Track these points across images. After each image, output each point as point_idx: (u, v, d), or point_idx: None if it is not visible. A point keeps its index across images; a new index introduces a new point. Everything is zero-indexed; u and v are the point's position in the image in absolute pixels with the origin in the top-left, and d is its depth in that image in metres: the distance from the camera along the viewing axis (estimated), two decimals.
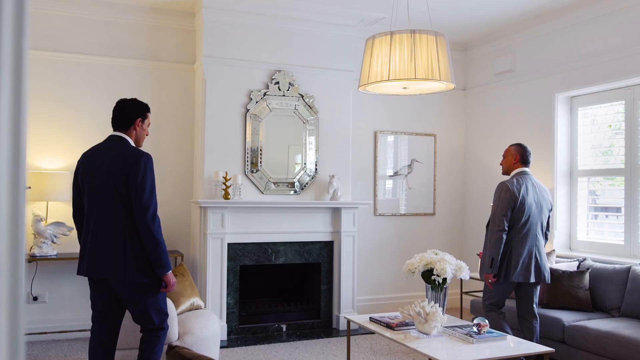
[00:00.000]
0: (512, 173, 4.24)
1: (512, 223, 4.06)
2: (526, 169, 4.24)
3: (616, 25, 5.04)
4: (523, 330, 4.15)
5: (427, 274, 3.76)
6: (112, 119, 3.15)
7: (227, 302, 5.20)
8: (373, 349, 4.96)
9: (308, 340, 5.22)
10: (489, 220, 4.24)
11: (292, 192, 5.59)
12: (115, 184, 2.92)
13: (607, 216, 5.42)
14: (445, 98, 6.83)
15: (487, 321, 3.51)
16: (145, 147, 5.44)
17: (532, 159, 4.31)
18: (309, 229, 5.59)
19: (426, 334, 3.50)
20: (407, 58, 3.23)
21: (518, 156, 4.24)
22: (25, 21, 0.48)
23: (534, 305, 4.14)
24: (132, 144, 3.10)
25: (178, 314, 3.93)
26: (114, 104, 3.20)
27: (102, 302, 3.08)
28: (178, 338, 3.68)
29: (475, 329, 3.49)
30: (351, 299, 5.70)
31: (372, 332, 5.26)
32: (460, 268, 3.72)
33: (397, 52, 3.28)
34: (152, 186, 2.95)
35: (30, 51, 4.77)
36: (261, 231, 5.37)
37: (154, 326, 3.05)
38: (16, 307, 0.46)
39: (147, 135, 3.23)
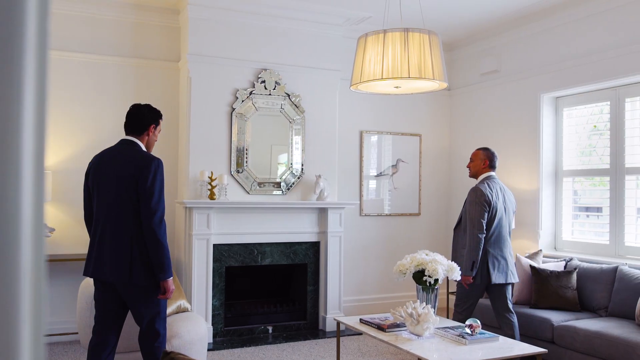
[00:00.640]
0: (481, 177, 4.35)
1: (486, 226, 4.17)
2: (494, 173, 4.38)
3: (601, 26, 5.07)
4: (503, 327, 4.21)
5: (418, 275, 3.73)
6: (126, 123, 3.18)
7: (212, 304, 5.12)
8: (361, 351, 4.92)
9: (295, 342, 5.17)
10: (457, 224, 4.39)
11: (278, 192, 5.52)
12: (125, 187, 2.95)
13: (588, 216, 5.46)
14: (430, 98, 6.82)
15: (478, 322, 3.49)
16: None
17: (497, 163, 4.46)
18: (295, 229, 5.53)
19: (418, 336, 3.47)
20: (400, 56, 3.19)
21: (487, 161, 4.37)
22: (47, 20, 0.47)
23: (509, 302, 4.24)
24: (144, 148, 3.13)
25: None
26: (128, 108, 3.24)
27: (105, 303, 3.09)
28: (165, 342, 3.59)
29: (467, 330, 3.47)
30: (337, 300, 5.66)
31: (360, 333, 5.23)
32: (451, 269, 3.69)
33: (389, 50, 3.24)
34: (161, 191, 2.98)
35: None
36: (247, 232, 5.29)
37: (153, 328, 3.05)
38: (39, 308, 0.46)
39: (156, 141, 3.26)
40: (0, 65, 0.43)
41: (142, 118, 3.15)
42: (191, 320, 3.93)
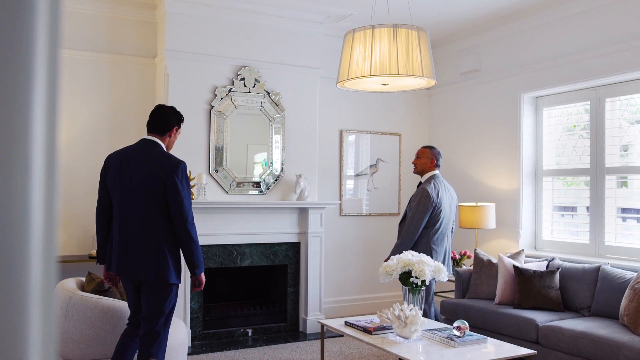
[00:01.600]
0: (427, 175, 4.55)
1: (430, 224, 4.38)
2: (438, 172, 4.60)
3: (581, 26, 5.09)
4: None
5: (405, 276, 3.67)
6: (149, 122, 3.25)
7: (191, 307, 4.98)
8: (344, 353, 4.84)
9: (275, 345, 5.06)
10: (402, 219, 4.58)
11: (257, 192, 5.41)
12: (152, 188, 3.01)
13: (564, 215, 5.48)
14: (410, 97, 6.78)
15: (466, 323, 3.44)
16: (101, 144, 5.18)
17: (441, 162, 4.73)
18: (275, 230, 5.43)
19: (406, 338, 3.40)
20: (389, 53, 3.11)
21: (434, 160, 4.57)
22: (59, 18, 0.47)
23: (432, 293, 4.49)
24: (165, 149, 3.20)
25: None
26: (152, 108, 3.31)
27: (128, 294, 3.23)
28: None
29: (455, 332, 3.41)
30: (318, 301, 5.57)
31: (341, 335, 5.15)
32: (438, 270, 3.63)
33: (378, 46, 3.16)
34: (189, 194, 3.08)
35: None
36: (226, 232, 5.17)
37: (157, 327, 3.10)
38: (49, 309, 0.46)
39: (174, 142, 3.35)
40: (10, 61, 0.43)
41: (168, 119, 3.21)
42: (172, 325, 3.79)
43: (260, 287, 5.80)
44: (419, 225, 4.34)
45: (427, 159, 4.56)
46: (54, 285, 0.46)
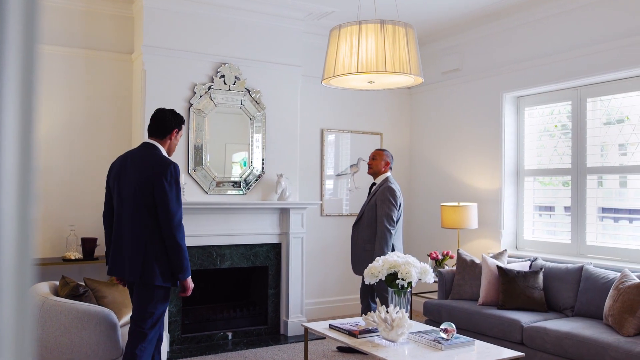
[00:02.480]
0: (383, 177, 4.75)
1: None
2: (390, 174, 4.83)
3: (562, 26, 5.09)
4: (365, 309, 4.72)
5: (391, 278, 3.59)
6: (149, 126, 3.28)
7: (169, 310, 4.84)
8: (326, 356, 4.76)
9: (256, 348, 4.95)
10: (357, 220, 4.77)
11: (238, 192, 5.29)
12: (142, 190, 3.06)
13: (540, 215, 5.48)
14: (391, 96, 6.73)
15: (453, 326, 3.38)
16: (75, 142, 5.01)
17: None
18: (256, 230, 5.32)
19: (392, 342, 3.33)
20: (376, 50, 3.04)
21: (389, 162, 4.82)
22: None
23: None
24: (164, 152, 3.23)
25: (122, 326, 3.57)
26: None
27: (130, 293, 3.32)
28: (122, 353, 3.32)
29: (442, 334, 3.35)
30: (299, 303, 5.48)
31: (323, 338, 5.06)
32: (425, 271, 3.57)
33: (365, 43, 3.08)
34: (178, 195, 3.08)
35: None
36: (206, 234, 5.04)
37: (144, 329, 3.11)
38: (24, 315, 0.44)
39: (177, 144, 3.36)
40: None
41: (167, 122, 3.25)
42: None
43: (241, 289, 5.69)
44: (393, 221, 4.54)
45: (382, 161, 4.76)
46: (29, 292, 0.44)
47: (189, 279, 3.15)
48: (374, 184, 4.86)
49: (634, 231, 4.75)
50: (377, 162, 4.79)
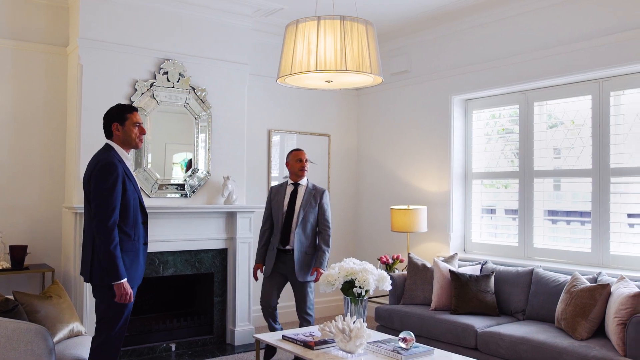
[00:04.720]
0: (306, 178, 4.71)
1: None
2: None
3: (511, 30, 5.11)
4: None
5: (347, 286, 3.46)
6: None
7: None
8: None
9: (202, 359, 4.70)
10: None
11: (181, 195, 5.03)
12: (86, 192, 3.15)
13: (482, 217, 5.51)
14: (339, 97, 6.62)
15: (412, 335, 3.28)
16: (2, 141, 4.61)
17: None
18: (201, 235, 5.07)
19: (350, 353, 3.19)
20: (336, 48, 2.89)
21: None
22: None
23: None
24: (117, 150, 3.17)
25: (56, 343, 3.26)
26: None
27: None
28: None
29: (401, 343, 3.24)
30: (247, 310, 5.27)
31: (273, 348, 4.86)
32: (382, 278, 3.46)
33: (324, 40, 2.92)
34: (106, 196, 3.01)
35: None
36: (148, 240, 4.73)
37: (99, 330, 3.13)
38: None
39: (139, 135, 3.23)
40: None
41: (106, 120, 3.23)
42: (86, 346, 3.37)
43: (185, 298, 5.41)
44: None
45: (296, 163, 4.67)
46: None
47: (121, 284, 3.02)
48: (298, 183, 4.64)
49: (584, 233, 4.81)
50: (293, 165, 4.72)
